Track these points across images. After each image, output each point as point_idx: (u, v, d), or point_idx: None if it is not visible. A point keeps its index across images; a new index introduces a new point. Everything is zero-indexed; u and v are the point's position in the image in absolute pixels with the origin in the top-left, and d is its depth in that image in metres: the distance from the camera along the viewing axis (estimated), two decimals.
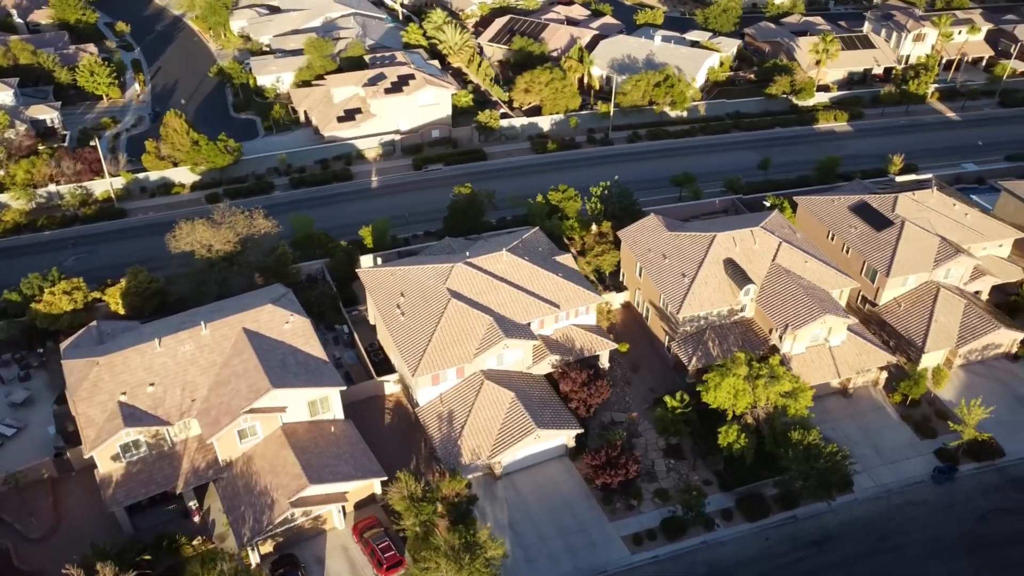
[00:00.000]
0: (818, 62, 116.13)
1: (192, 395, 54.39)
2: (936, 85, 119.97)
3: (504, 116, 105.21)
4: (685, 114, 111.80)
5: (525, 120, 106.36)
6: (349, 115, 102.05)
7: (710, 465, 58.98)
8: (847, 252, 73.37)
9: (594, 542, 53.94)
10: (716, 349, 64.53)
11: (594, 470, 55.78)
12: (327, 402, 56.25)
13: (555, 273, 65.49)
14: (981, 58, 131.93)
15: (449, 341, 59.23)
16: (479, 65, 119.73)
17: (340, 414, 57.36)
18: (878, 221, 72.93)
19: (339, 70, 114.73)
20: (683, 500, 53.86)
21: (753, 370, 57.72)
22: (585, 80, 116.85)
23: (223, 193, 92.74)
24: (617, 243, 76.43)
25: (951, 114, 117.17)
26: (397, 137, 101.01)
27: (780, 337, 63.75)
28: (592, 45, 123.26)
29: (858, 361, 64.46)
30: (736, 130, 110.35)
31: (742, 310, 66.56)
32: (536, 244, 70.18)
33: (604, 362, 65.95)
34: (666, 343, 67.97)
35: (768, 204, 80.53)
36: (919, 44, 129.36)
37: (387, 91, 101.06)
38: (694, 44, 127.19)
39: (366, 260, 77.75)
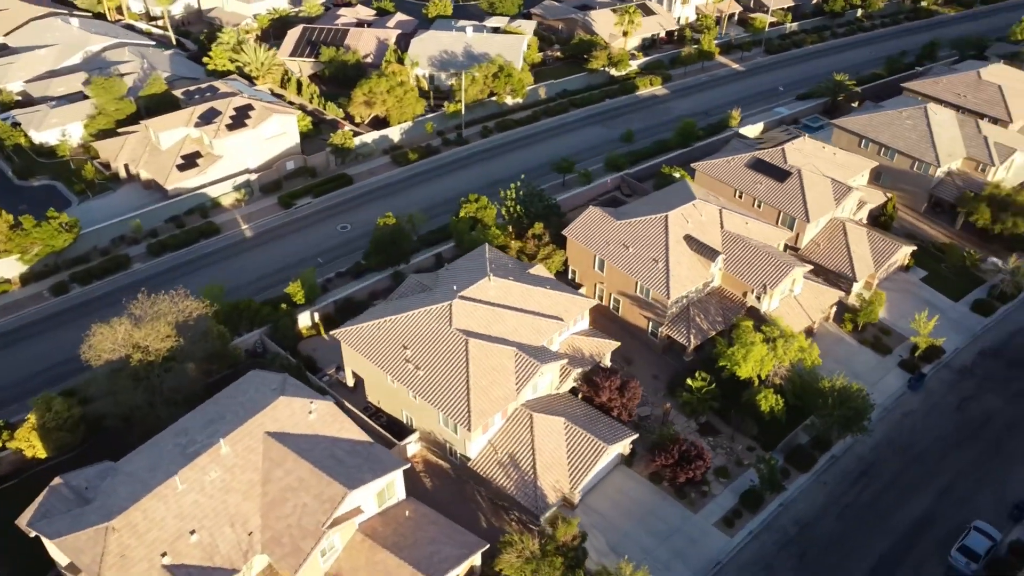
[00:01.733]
0: (625, 33, 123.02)
1: (246, 528, 45.60)
2: (715, 42, 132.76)
3: (355, 134, 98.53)
4: (521, 100, 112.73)
5: (376, 134, 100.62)
6: (189, 161, 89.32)
7: (745, 432, 61.82)
8: (759, 206, 79.70)
9: (693, 538, 54.47)
10: (705, 323, 67.30)
11: (671, 470, 56.04)
12: (392, 486, 50.20)
13: (543, 287, 63.86)
14: (733, 14, 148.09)
15: (485, 384, 55.48)
16: (299, 84, 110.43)
17: (403, 494, 51.52)
18: (778, 173, 80.00)
19: (139, 112, 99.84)
20: (761, 472, 56.09)
21: (766, 334, 61.33)
22: (411, 82, 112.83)
23: (70, 280, 77.29)
24: (556, 242, 75.99)
25: (736, 66, 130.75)
26: (252, 177, 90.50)
27: (758, 297, 68.12)
28: (402, 45, 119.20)
29: (819, 303, 71.00)
30: (573, 108, 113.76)
31: (711, 280, 69.88)
32: (502, 261, 67.60)
33: (606, 362, 65.77)
34: (649, 329, 69.40)
35: (678, 176, 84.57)
36: (686, 6, 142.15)
37: (229, 127, 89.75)
38: (495, 30, 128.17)
39: (303, 318, 69.91)
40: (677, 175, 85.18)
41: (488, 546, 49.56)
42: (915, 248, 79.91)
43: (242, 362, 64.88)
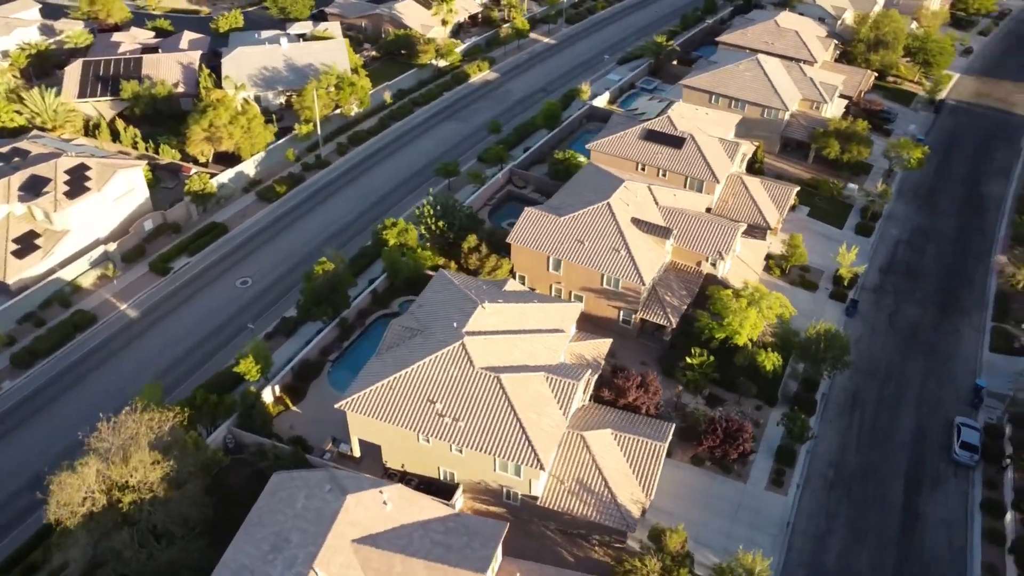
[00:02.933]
0: (444, 22, 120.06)
1: None
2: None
3: (211, 175, 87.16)
4: (362, 109, 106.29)
5: (231, 172, 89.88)
6: (26, 244, 73.82)
7: (747, 393, 64.76)
8: (664, 175, 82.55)
9: (756, 508, 56.50)
10: (675, 299, 68.98)
11: (720, 449, 57.31)
12: (497, 552, 46.37)
13: (531, 301, 61.70)
14: None
15: (534, 417, 52.74)
16: (112, 129, 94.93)
17: (501, 555, 47.80)
18: (674, 141, 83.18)
19: None
20: (792, 428, 59.17)
21: (746, 298, 64.35)
22: (237, 107, 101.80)
23: None
24: (496, 251, 73.50)
25: (547, 40, 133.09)
26: (111, 247, 76.97)
27: (713, 264, 71.05)
28: (208, 66, 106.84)
29: (755, 256, 75.67)
30: (417, 107, 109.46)
31: (667, 257, 71.58)
32: (473, 284, 64.06)
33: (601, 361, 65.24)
34: (620, 318, 69.72)
35: (583, 160, 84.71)
36: None
37: (69, 195, 75.19)
38: (301, 37, 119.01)
39: (265, 395, 61.64)
40: (583, 159, 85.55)
41: None
42: (799, 188, 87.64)
43: (223, 465, 55.77)
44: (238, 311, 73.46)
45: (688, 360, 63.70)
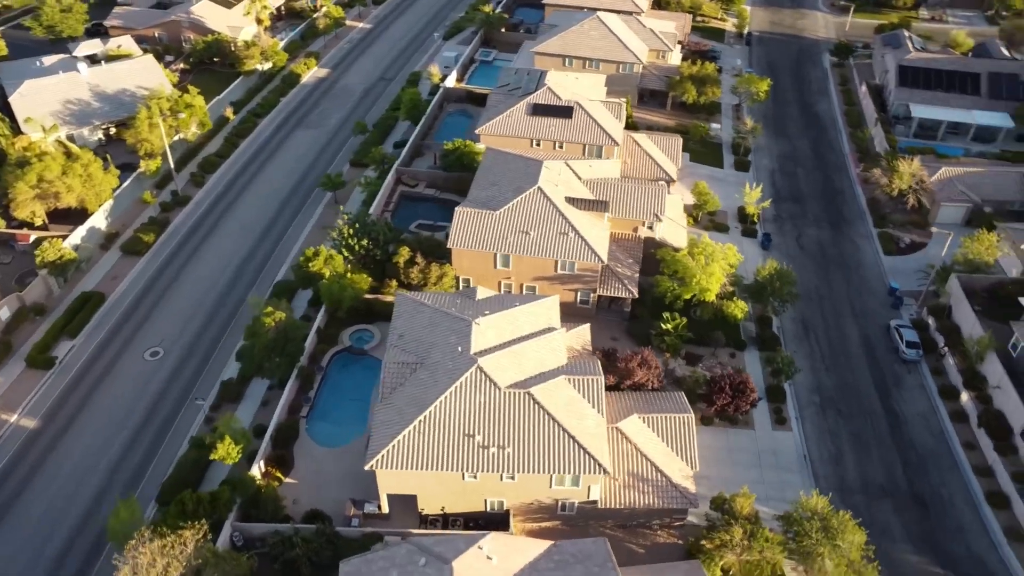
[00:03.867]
0: (259, 20, 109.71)
1: None
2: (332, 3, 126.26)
3: (61, 238, 74.03)
4: (204, 131, 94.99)
5: (82, 230, 76.96)
6: None
7: (720, 345, 67.49)
8: (561, 147, 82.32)
9: (773, 449, 59.57)
10: (627, 270, 69.64)
11: (732, 406, 59.22)
12: None
13: (512, 305, 59.43)
14: None
15: (576, 424, 51.36)
16: None
17: None
18: (562, 111, 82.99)
19: None
20: (779, 368, 62.57)
21: (702, 254, 66.51)
22: (50, 150, 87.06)
23: None
24: (428, 258, 69.78)
25: (362, 24, 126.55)
26: None
27: (651, 227, 72.43)
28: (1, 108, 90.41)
29: (677, 212, 78.04)
30: (258, 119, 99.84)
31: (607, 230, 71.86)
32: (446, 300, 60.44)
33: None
34: (578, 299, 69.26)
35: (484, 148, 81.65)
36: None
37: None
38: (93, 59, 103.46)
39: (254, 471, 54.87)
40: (479, 147, 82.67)
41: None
42: (681, 137, 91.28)
43: (254, 568, 48.73)
44: (162, 388, 63.83)
45: (662, 326, 64.98)
